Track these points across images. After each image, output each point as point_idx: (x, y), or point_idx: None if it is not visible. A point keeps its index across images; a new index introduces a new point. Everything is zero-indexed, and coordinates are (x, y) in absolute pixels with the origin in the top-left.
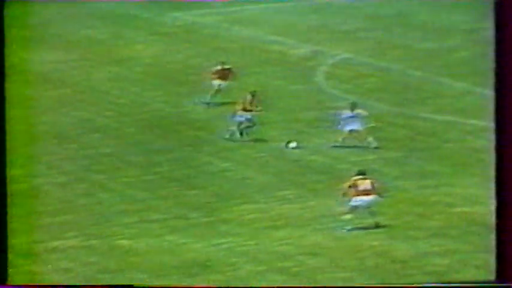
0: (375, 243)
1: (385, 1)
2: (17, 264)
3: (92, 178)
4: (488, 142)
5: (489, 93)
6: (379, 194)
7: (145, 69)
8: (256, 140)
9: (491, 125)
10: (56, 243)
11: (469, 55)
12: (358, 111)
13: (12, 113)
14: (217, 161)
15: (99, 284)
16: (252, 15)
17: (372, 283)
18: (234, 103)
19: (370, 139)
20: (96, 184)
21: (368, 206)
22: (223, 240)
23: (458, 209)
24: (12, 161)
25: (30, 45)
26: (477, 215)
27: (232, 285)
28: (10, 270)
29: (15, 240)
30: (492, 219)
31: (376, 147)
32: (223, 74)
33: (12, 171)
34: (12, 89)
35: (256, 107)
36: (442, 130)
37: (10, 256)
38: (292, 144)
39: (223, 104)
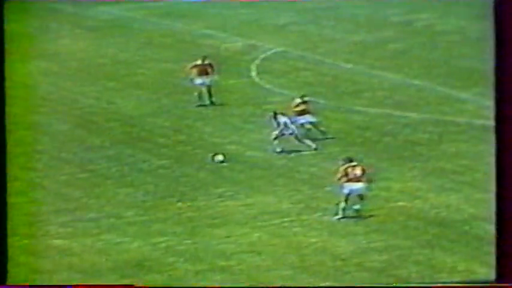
0: (316, 240)
1: None
2: None
3: (24, 176)
4: (425, 134)
5: (425, 85)
6: (369, 181)
7: (75, 64)
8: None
9: (427, 117)
10: None
11: (403, 47)
12: (283, 118)
13: None
14: (152, 158)
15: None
16: (182, 9)
17: (314, 281)
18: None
19: (308, 141)
20: (29, 182)
21: (359, 193)
22: (160, 239)
23: (397, 204)
24: None
25: None
26: (416, 209)
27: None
28: None
29: None
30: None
31: (315, 149)
32: (204, 70)
33: None
34: None
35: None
36: (378, 123)
37: None
38: (219, 157)
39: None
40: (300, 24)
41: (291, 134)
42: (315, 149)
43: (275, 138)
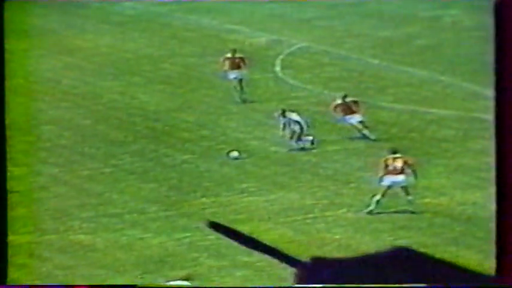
0: (340, 236)
1: None
2: None
3: (47, 171)
4: (451, 131)
5: (452, 81)
6: (413, 174)
7: (99, 59)
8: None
9: (453, 114)
10: (9, 238)
11: (429, 43)
12: (293, 116)
13: None
14: (176, 153)
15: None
16: (207, 4)
17: None
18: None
19: (305, 138)
20: (52, 177)
21: (400, 186)
22: (183, 235)
23: (423, 200)
24: None
25: None
26: (442, 206)
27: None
28: None
29: None
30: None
31: (312, 143)
32: (236, 63)
33: None
34: None
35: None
36: (403, 120)
37: None
38: (234, 154)
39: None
40: (325, 19)
41: (299, 130)
42: (312, 143)
43: (291, 138)
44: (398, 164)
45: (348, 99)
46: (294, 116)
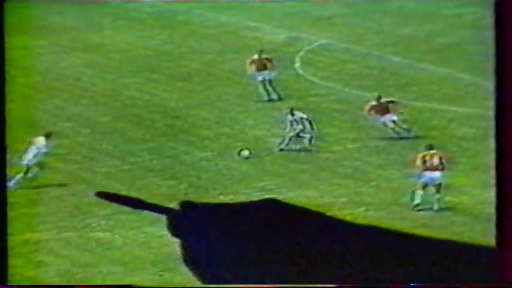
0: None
1: None
2: None
3: (65, 168)
4: (472, 129)
5: (473, 79)
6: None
7: (118, 56)
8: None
9: (474, 112)
10: (28, 236)
11: (451, 41)
12: (299, 114)
13: None
14: (194, 150)
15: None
16: (226, 1)
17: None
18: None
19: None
20: (70, 174)
21: (436, 182)
22: None
23: (443, 199)
24: None
25: None
26: (463, 204)
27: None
28: None
29: None
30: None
31: (310, 140)
32: (262, 64)
33: None
34: None
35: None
36: (424, 117)
37: None
38: (245, 153)
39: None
40: (345, 16)
41: (303, 127)
42: (310, 141)
43: (299, 137)
44: (436, 160)
45: (382, 100)
46: (302, 115)
